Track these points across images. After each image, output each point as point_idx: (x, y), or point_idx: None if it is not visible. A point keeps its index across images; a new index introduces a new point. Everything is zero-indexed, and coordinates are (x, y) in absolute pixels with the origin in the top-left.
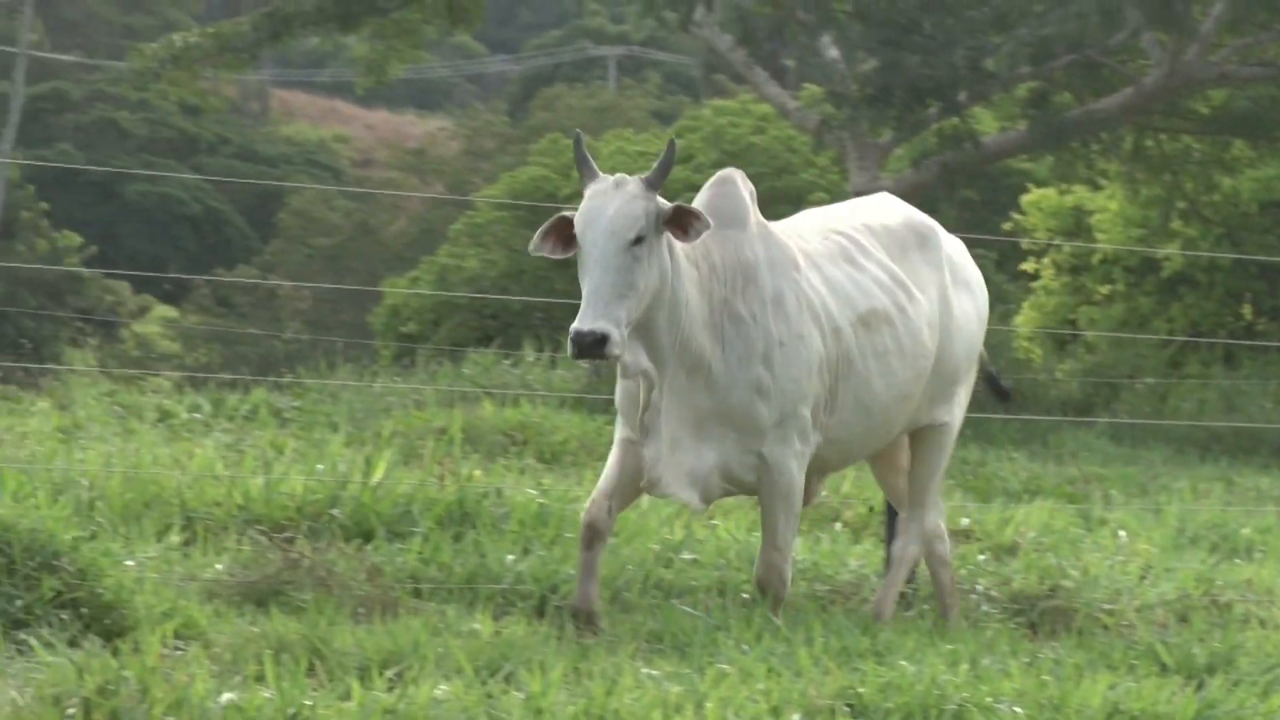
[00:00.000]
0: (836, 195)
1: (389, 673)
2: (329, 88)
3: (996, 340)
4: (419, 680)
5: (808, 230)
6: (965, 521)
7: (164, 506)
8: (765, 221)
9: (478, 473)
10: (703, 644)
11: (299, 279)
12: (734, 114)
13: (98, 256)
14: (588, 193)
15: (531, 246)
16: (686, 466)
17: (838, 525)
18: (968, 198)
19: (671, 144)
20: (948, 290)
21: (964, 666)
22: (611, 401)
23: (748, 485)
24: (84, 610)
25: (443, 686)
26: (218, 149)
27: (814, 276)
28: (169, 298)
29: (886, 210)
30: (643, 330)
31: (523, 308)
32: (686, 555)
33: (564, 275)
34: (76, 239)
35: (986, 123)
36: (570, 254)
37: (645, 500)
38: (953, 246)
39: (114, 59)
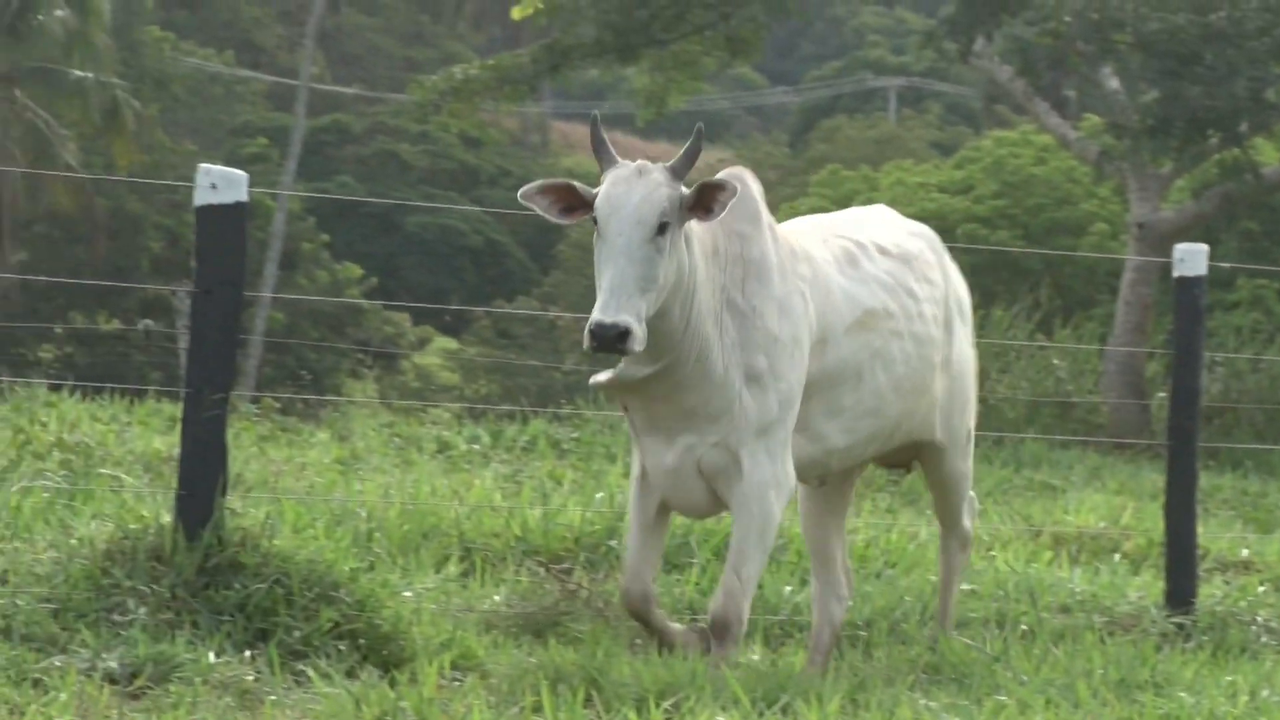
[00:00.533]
0: (1117, 226)
1: (666, 704)
2: (609, 120)
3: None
4: (696, 711)
5: (813, 233)
6: (1245, 553)
7: (442, 537)
8: (774, 223)
9: None
10: (981, 675)
11: (579, 310)
12: (1015, 145)
13: (378, 288)
14: (609, 178)
15: (522, 192)
16: (676, 474)
17: (1117, 556)
18: (1249, 229)
19: (698, 130)
20: (950, 306)
21: (1243, 698)
22: None
23: (719, 486)
24: (362, 641)
25: (719, 717)
26: (499, 181)
27: (817, 287)
28: (449, 329)
29: (890, 219)
30: (654, 322)
31: None
32: (964, 586)
33: None
34: (357, 270)
35: (1268, 154)
36: (566, 222)
37: (924, 532)
38: (955, 269)
39: (395, 91)
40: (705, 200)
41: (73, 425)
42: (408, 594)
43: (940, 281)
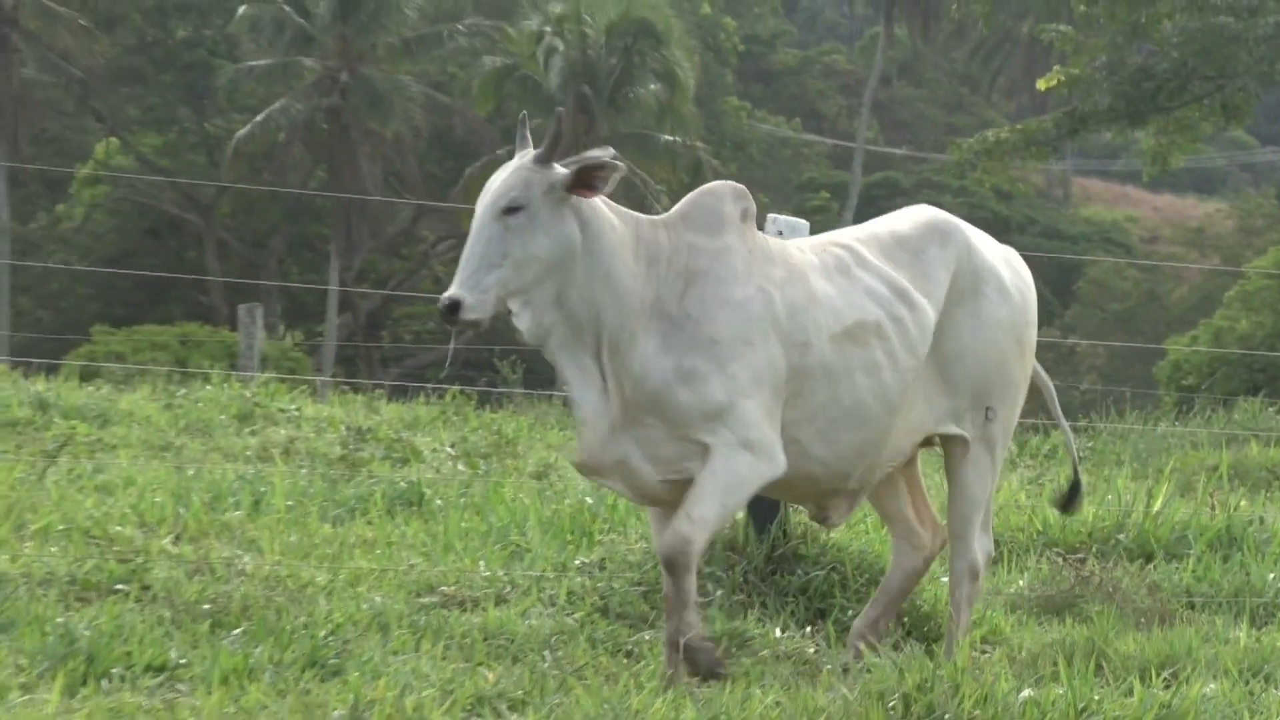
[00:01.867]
0: None
1: (1164, 674)
2: (1121, 175)
3: None
4: (1190, 680)
5: (810, 245)
6: None
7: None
8: (754, 237)
9: (1244, 503)
10: None
11: (1095, 338)
12: None
13: None
14: None
15: None
16: (615, 453)
17: None
18: None
19: (558, 114)
20: (963, 294)
21: None
22: None
23: (683, 469)
24: (905, 619)
25: (1210, 686)
26: (1026, 228)
27: (793, 290)
28: None
29: (909, 215)
30: (558, 303)
31: None
32: None
33: None
34: None
35: None
36: None
37: None
38: (988, 252)
39: (937, 152)
40: (585, 179)
41: None
42: (944, 580)
43: (942, 272)
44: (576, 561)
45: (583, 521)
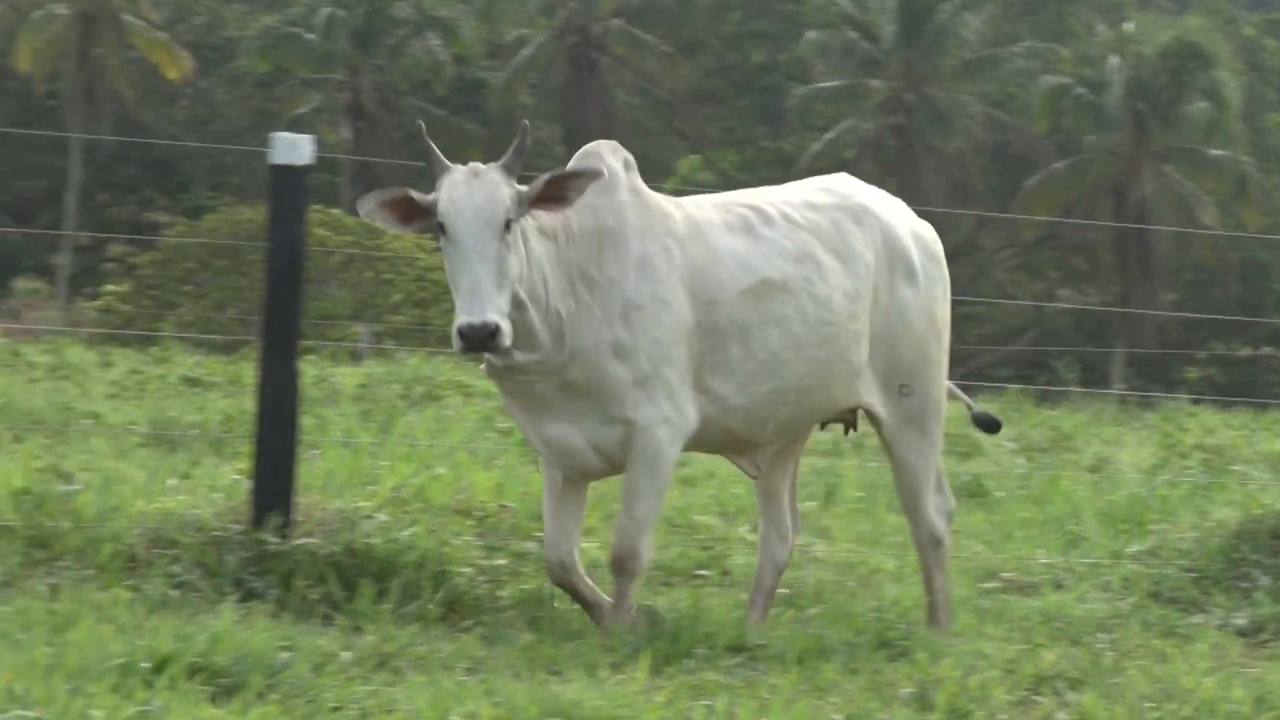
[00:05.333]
0: None
1: None
2: None
3: None
4: None
5: (708, 203)
6: None
7: None
8: (644, 190)
9: None
10: None
11: None
12: None
13: None
14: (446, 184)
15: (363, 208)
16: (562, 446)
17: None
18: None
19: (523, 127)
20: (883, 277)
21: None
22: None
23: (616, 452)
24: None
25: None
26: None
27: (695, 247)
28: None
29: (820, 185)
30: (514, 315)
31: None
32: None
33: None
34: None
35: None
36: (406, 231)
37: None
38: (901, 233)
39: None
40: (554, 190)
41: (1210, 431)
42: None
43: (863, 250)
44: (1130, 549)
45: (1136, 511)
